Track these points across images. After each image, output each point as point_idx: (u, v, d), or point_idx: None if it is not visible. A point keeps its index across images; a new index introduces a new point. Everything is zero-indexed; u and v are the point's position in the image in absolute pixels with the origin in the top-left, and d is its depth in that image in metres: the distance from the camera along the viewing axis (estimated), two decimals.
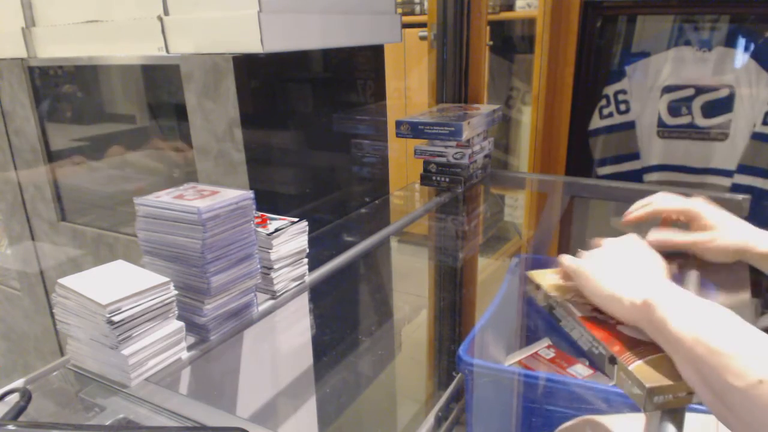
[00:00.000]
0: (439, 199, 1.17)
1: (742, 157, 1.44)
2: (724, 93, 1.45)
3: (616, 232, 0.68)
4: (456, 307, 1.25)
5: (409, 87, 2.20)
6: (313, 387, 0.86)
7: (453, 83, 1.37)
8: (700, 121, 1.48)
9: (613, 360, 0.50)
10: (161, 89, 1.17)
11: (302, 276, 0.77)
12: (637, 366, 0.47)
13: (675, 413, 0.46)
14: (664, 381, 0.45)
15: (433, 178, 1.19)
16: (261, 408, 0.77)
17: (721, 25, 1.44)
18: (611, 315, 0.52)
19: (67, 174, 1.36)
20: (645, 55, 1.52)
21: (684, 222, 0.66)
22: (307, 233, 0.76)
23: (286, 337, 0.81)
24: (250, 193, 0.64)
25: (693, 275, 0.63)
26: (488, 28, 1.61)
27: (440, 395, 0.69)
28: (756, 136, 1.41)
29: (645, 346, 0.50)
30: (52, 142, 1.33)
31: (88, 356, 0.57)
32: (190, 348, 0.61)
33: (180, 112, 1.02)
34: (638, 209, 0.69)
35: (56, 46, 1.13)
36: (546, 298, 0.61)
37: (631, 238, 0.60)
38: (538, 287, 0.63)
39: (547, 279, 0.64)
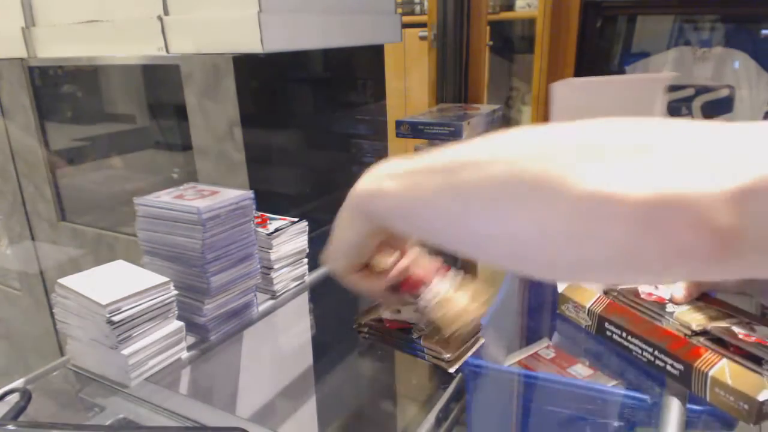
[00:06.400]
0: None
1: None
2: (724, 93, 1.45)
3: None
4: None
5: (409, 87, 2.20)
6: (313, 387, 0.86)
7: (453, 83, 1.37)
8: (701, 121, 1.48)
9: (692, 370, 0.46)
10: (161, 89, 1.17)
11: (302, 276, 0.77)
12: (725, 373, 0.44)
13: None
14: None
15: None
16: (261, 408, 0.77)
17: (721, 25, 1.44)
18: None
19: (67, 174, 1.36)
20: (645, 55, 1.52)
21: None
22: (307, 233, 0.76)
23: (286, 337, 0.81)
24: (250, 193, 0.64)
25: None
26: (488, 28, 1.61)
27: (440, 395, 0.69)
28: None
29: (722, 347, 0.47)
30: (52, 142, 1.33)
31: (88, 356, 0.57)
32: (190, 348, 0.61)
33: (180, 112, 1.02)
34: None
35: (56, 46, 1.13)
36: (592, 317, 0.58)
37: None
38: (579, 306, 0.60)
39: (587, 296, 0.60)
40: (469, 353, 0.59)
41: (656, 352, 0.50)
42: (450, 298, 0.51)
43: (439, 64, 1.38)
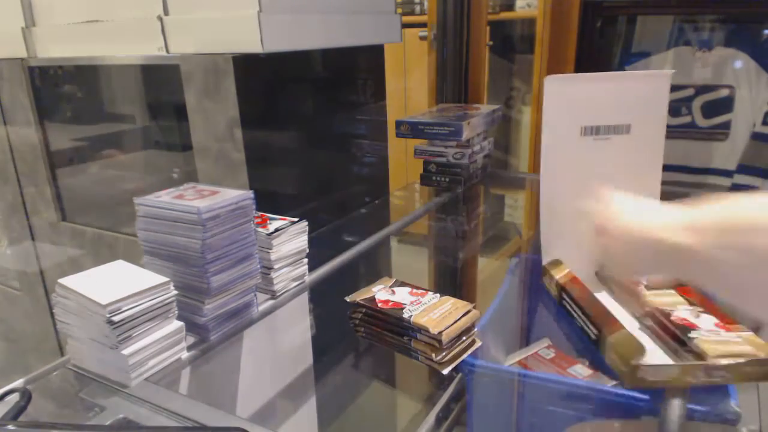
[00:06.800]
0: (439, 199, 1.17)
1: (742, 157, 1.44)
2: (724, 93, 1.45)
3: None
4: None
5: (409, 87, 2.20)
6: (313, 387, 0.86)
7: (453, 83, 1.37)
8: (700, 121, 1.48)
9: (599, 336, 0.53)
10: (161, 89, 1.17)
11: (302, 276, 0.77)
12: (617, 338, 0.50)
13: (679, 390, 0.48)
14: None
15: (433, 178, 1.19)
16: (261, 408, 0.77)
17: (721, 25, 1.44)
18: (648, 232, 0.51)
19: (67, 174, 1.36)
20: (645, 55, 1.52)
21: None
22: (307, 233, 0.76)
23: (286, 337, 0.81)
24: (250, 193, 0.64)
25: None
26: (488, 28, 1.61)
27: (440, 395, 0.69)
28: (756, 136, 1.41)
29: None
30: (52, 142, 1.33)
31: (88, 356, 0.57)
32: (190, 348, 0.61)
33: (180, 112, 1.02)
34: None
35: (56, 46, 1.13)
36: (557, 287, 0.62)
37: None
38: (551, 277, 0.66)
39: (559, 270, 0.66)
40: (464, 355, 0.59)
41: (584, 319, 0.57)
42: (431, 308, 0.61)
43: (439, 64, 1.38)
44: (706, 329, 0.53)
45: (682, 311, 0.57)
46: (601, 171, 0.66)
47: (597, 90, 0.64)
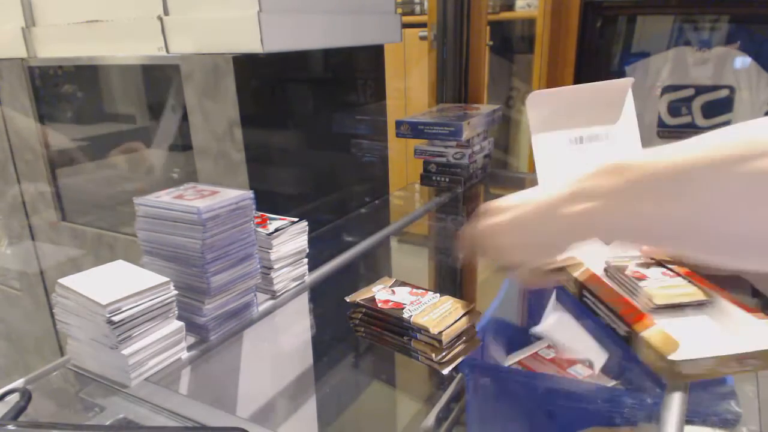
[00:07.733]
0: (439, 199, 1.17)
1: None
2: (723, 93, 1.45)
3: None
4: None
5: (409, 87, 2.20)
6: (313, 387, 0.86)
7: (453, 83, 1.37)
8: (700, 121, 1.48)
9: (630, 333, 0.52)
10: (161, 89, 1.17)
11: (302, 276, 0.77)
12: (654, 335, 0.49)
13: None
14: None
15: (433, 178, 1.19)
16: (261, 408, 0.77)
17: (721, 25, 1.44)
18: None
19: (67, 174, 1.36)
20: (645, 55, 1.52)
21: None
22: (307, 233, 0.76)
23: (286, 337, 0.81)
24: (250, 193, 0.64)
25: None
26: (488, 28, 1.61)
27: (440, 395, 0.69)
28: None
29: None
30: (52, 142, 1.33)
31: (88, 356, 0.57)
32: (190, 348, 0.61)
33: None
34: None
35: (56, 46, 1.13)
36: (576, 285, 0.63)
37: None
38: (569, 275, 0.65)
39: (576, 267, 0.66)
40: (464, 355, 0.59)
41: (612, 316, 0.56)
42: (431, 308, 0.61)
43: (439, 64, 1.38)
44: (655, 278, 0.59)
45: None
46: None
47: (572, 103, 0.68)
